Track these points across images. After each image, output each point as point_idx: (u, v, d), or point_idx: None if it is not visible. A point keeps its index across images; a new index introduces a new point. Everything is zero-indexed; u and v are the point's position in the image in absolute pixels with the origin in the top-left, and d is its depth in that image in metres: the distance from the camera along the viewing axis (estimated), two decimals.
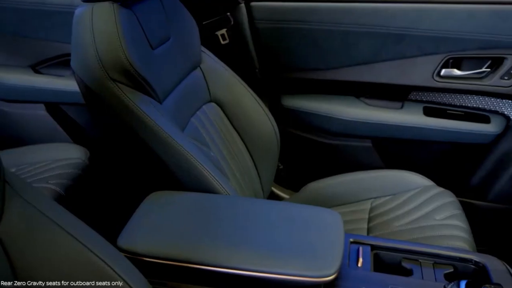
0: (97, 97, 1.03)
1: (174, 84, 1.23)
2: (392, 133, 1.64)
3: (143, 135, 1.03)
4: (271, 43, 1.67)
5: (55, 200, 1.33)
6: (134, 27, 1.08)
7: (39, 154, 1.61)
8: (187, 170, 1.05)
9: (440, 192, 1.42)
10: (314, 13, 1.59)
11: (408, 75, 1.60)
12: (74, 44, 1.06)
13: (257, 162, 1.45)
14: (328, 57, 1.65)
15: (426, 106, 1.65)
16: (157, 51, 1.16)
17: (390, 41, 1.57)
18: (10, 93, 1.78)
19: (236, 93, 1.43)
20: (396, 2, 1.54)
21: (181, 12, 1.34)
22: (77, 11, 1.07)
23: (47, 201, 0.74)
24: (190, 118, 1.28)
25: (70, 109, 1.81)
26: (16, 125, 1.82)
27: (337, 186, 1.53)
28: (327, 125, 1.70)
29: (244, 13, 1.63)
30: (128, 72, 1.01)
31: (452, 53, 1.55)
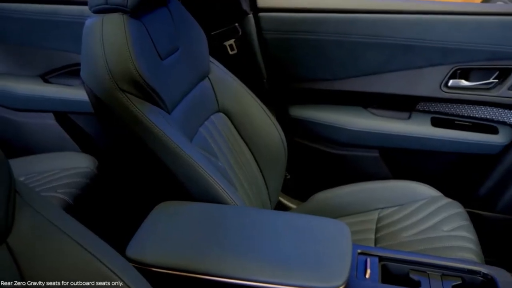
0: (107, 108, 1.04)
1: (182, 94, 1.24)
2: (399, 144, 1.64)
3: (151, 145, 1.04)
4: (279, 54, 1.68)
5: (64, 209, 1.34)
6: (143, 38, 1.09)
7: (48, 163, 1.62)
8: (195, 180, 1.06)
9: (448, 203, 1.41)
10: (322, 24, 1.60)
11: (416, 85, 1.60)
12: (84, 54, 1.07)
13: (264, 172, 1.45)
14: (335, 67, 1.65)
15: (433, 116, 1.65)
16: (166, 62, 1.17)
17: (398, 52, 1.57)
18: (20, 102, 1.79)
19: (244, 103, 1.43)
20: (404, 13, 1.55)
21: (190, 23, 1.35)
22: (87, 22, 1.07)
23: (56, 210, 0.74)
24: (198, 128, 1.28)
25: (79, 118, 1.83)
26: (25, 134, 1.84)
27: (344, 196, 1.53)
28: (334, 135, 1.70)
29: (252, 24, 1.64)
30: (138, 83, 1.02)
31: (460, 64, 1.55)
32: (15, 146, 1.85)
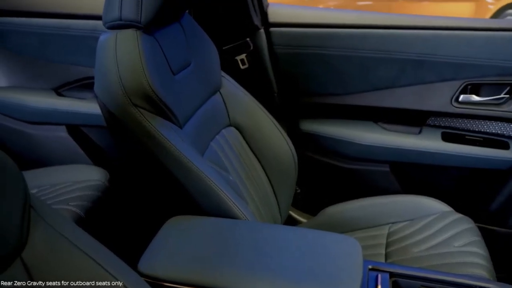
0: (120, 122, 1.05)
1: (194, 109, 1.25)
2: (410, 158, 1.64)
3: (163, 159, 1.04)
4: (289, 68, 1.69)
5: (75, 222, 1.36)
6: (156, 53, 1.10)
7: (60, 176, 1.63)
8: (207, 194, 1.07)
9: (459, 218, 1.41)
10: (333, 39, 1.61)
11: (426, 100, 1.61)
12: (98, 70, 1.08)
13: (275, 186, 1.46)
14: (346, 82, 1.66)
15: (444, 131, 1.65)
16: (178, 77, 1.18)
17: (408, 67, 1.58)
18: (33, 115, 1.81)
19: (255, 117, 1.44)
20: (415, 28, 1.56)
21: (202, 38, 1.36)
22: (101, 38, 1.09)
23: (68, 224, 0.75)
24: (210, 142, 1.29)
25: (91, 131, 1.84)
26: (38, 146, 1.86)
27: (354, 210, 1.53)
28: (345, 150, 1.70)
29: (264, 39, 1.65)
30: (150, 98, 1.03)
31: (471, 79, 1.55)
32: (27, 158, 1.87)
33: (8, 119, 1.85)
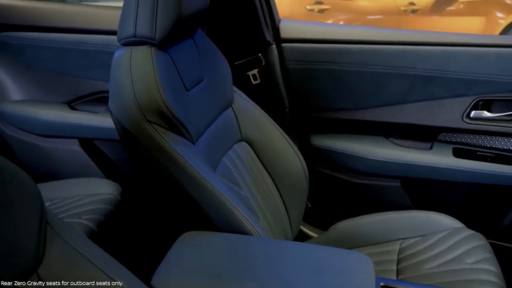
0: (134, 138, 1.06)
1: (207, 124, 1.26)
2: (421, 174, 1.64)
3: (177, 175, 1.05)
4: (301, 83, 1.70)
5: (88, 235, 1.37)
6: (170, 70, 1.11)
7: (72, 189, 1.64)
8: (219, 210, 1.07)
9: (471, 234, 1.40)
10: (344, 55, 1.62)
11: (437, 116, 1.61)
12: (112, 86, 1.09)
13: (286, 201, 1.46)
14: (357, 97, 1.67)
15: (455, 147, 1.64)
16: (191, 93, 1.20)
17: (419, 83, 1.58)
18: (46, 129, 1.83)
19: (267, 132, 1.45)
20: (426, 44, 1.56)
21: (214, 53, 1.38)
22: (116, 54, 1.10)
23: (83, 240, 0.76)
24: (222, 157, 1.30)
25: (103, 145, 1.85)
26: (51, 159, 1.87)
27: (365, 226, 1.53)
28: (356, 165, 1.71)
29: (275, 54, 1.67)
30: (164, 114, 1.04)
31: (482, 95, 1.55)
32: (40, 171, 1.89)
33: (21, 132, 1.88)
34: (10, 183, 0.65)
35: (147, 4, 1.06)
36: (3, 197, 0.63)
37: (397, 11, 4.32)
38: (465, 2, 4.39)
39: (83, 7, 1.87)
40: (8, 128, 1.88)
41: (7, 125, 1.88)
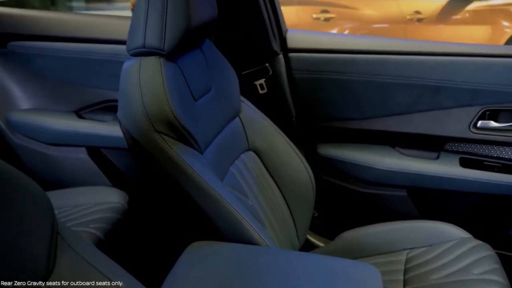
0: (142, 148, 1.06)
1: (214, 134, 1.26)
2: (428, 184, 1.64)
3: (185, 185, 1.06)
4: (308, 93, 1.70)
5: (96, 244, 1.37)
6: (178, 80, 1.12)
7: (80, 197, 1.65)
8: (227, 220, 1.08)
9: (478, 245, 1.40)
10: (351, 65, 1.63)
11: (444, 126, 1.61)
12: (121, 96, 1.10)
13: (292, 210, 1.47)
14: (364, 107, 1.67)
15: (462, 157, 1.64)
16: (199, 103, 1.20)
17: (426, 93, 1.59)
18: (54, 137, 1.84)
19: (273, 141, 1.45)
20: (433, 54, 1.57)
21: (222, 63, 1.39)
22: (125, 64, 1.11)
23: (92, 249, 0.77)
24: (229, 167, 1.31)
25: (110, 153, 1.86)
26: (58, 167, 1.88)
27: (372, 235, 1.53)
28: (362, 174, 1.71)
29: (282, 64, 1.68)
30: (173, 125, 1.05)
31: (489, 105, 1.55)
32: (47, 179, 1.90)
33: (29, 141, 1.89)
34: (22, 194, 0.66)
35: (156, 16, 1.07)
36: (15, 208, 0.64)
37: (403, 19, 4.33)
38: (471, 11, 4.39)
39: (91, 17, 1.88)
40: (16, 136, 1.89)
41: (15, 133, 1.89)
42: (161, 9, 1.08)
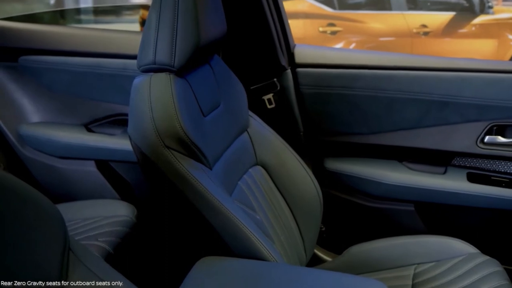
0: (152, 163, 1.07)
1: (223, 149, 1.27)
2: (435, 198, 1.64)
3: (194, 200, 1.07)
4: (315, 108, 1.71)
5: (104, 258, 1.38)
6: (188, 96, 1.13)
7: (88, 210, 1.66)
8: (236, 235, 1.08)
9: (486, 260, 1.40)
10: (358, 80, 1.64)
11: (451, 141, 1.61)
12: (132, 112, 1.11)
13: (300, 224, 1.47)
14: (371, 122, 1.68)
15: (469, 172, 1.64)
16: (208, 118, 1.21)
17: (433, 108, 1.59)
18: (63, 150, 1.86)
19: (281, 156, 1.46)
20: (440, 70, 1.58)
21: (231, 78, 1.40)
22: (136, 80, 1.12)
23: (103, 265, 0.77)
24: (237, 182, 1.31)
25: (119, 166, 1.88)
26: (67, 180, 1.90)
27: (380, 250, 1.52)
28: (369, 189, 1.71)
29: (290, 79, 1.69)
30: (183, 140, 1.06)
31: (496, 120, 1.56)
32: (57, 192, 1.91)
33: (38, 154, 1.91)
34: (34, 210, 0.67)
35: (166, 33, 1.09)
36: (28, 225, 0.65)
37: (409, 33, 4.35)
38: (477, 25, 4.41)
39: (100, 32, 1.91)
40: (26, 149, 1.91)
41: (25, 146, 1.91)
42: (171, 27, 1.09)
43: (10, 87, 1.90)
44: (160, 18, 1.10)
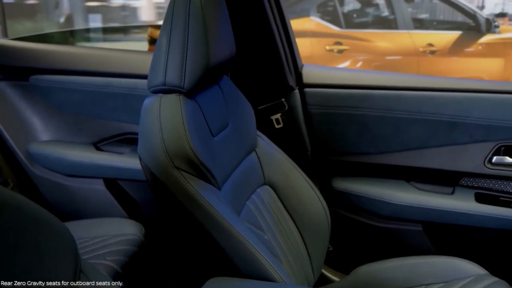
0: (161, 184, 1.08)
1: (232, 169, 1.28)
2: (443, 219, 1.64)
3: (202, 220, 1.07)
4: (323, 127, 1.72)
5: (113, 277, 1.38)
6: (197, 117, 1.14)
7: (97, 228, 1.66)
8: (244, 256, 1.08)
9: (495, 282, 1.39)
10: (366, 100, 1.65)
11: (459, 161, 1.61)
12: (142, 132, 1.12)
13: (308, 244, 1.47)
14: (379, 142, 1.68)
15: (477, 192, 1.64)
16: (217, 138, 1.22)
17: (441, 128, 1.60)
18: (72, 169, 1.87)
19: (289, 175, 1.47)
20: (448, 91, 1.59)
21: (239, 99, 1.41)
22: (146, 101, 1.14)
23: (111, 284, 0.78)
24: (246, 202, 1.32)
25: (127, 185, 1.88)
26: (76, 198, 1.91)
27: (388, 270, 1.52)
28: (377, 209, 1.71)
29: (298, 99, 1.70)
30: (192, 161, 1.06)
31: (504, 141, 1.56)
32: (65, 210, 1.92)
33: (47, 172, 1.92)
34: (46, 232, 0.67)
35: (176, 55, 1.10)
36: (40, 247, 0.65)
37: (416, 52, 4.37)
38: (484, 44, 4.43)
39: (111, 51, 1.92)
40: (35, 167, 1.93)
41: (35, 164, 1.92)
42: (181, 48, 1.10)
43: (20, 105, 1.92)
44: (171, 40, 1.11)
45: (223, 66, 1.25)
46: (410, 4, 5.10)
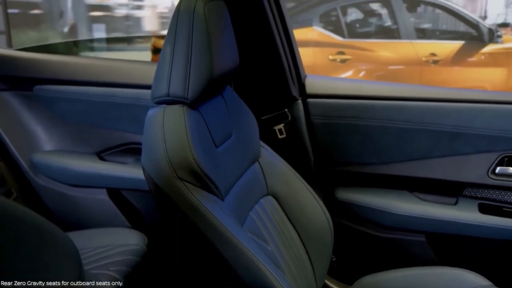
0: (164, 194, 1.08)
1: (235, 179, 1.28)
2: (446, 229, 1.64)
3: (205, 231, 1.07)
4: (326, 138, 1.72)
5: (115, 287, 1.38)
6: (201, 128, 1.14)
7: (99, 238, 1.66)
8: (247, 267, 1.08)
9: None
10: (369, 110, 1.65)
11: (462, 172, 1.61)
12: (145, 143, 1.13)
13: (311, 254, 1.46)
14: (381, 152, 1.68)
15: (481, 203, 1.64)
16: (220, 149, 1.22)
17: (443, 139, 1.60)
18: (75, 178, 1.87)
19: (292, 186, 1.46)
20: (451, 101, 1.59)
21: (242, 109, 1.41)
22: (149, 112, 1.14)
23: None
24: (249, 212, 1.32)
25: (130, 195, 1.89)
26: (79, 208, 1.91)
27: (391, 281, 1.52)
28: (380, 219, 1.71)
29: (301, 109, 1.70)
30: (195, 172, 1.06)
31: (507, 151, 1.56)
32: (68, 219, 1.92)
33: (51, 181, 1.93)
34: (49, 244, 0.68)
35: (180, 66, 1.11)
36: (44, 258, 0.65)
37: (419, 61, 4.38)
38: (487, 54, 4.43)
39: (115, 62, 1.93)
40: (39, 177, 1.93)
41: (38, 174, 1.93)
42: (185, 59, 1.11)
43: (24, 115, 1.93)
44: (175, 51, 1.12)
45: (226, 77, 1.25)
46: (412, 14, 5.10)
